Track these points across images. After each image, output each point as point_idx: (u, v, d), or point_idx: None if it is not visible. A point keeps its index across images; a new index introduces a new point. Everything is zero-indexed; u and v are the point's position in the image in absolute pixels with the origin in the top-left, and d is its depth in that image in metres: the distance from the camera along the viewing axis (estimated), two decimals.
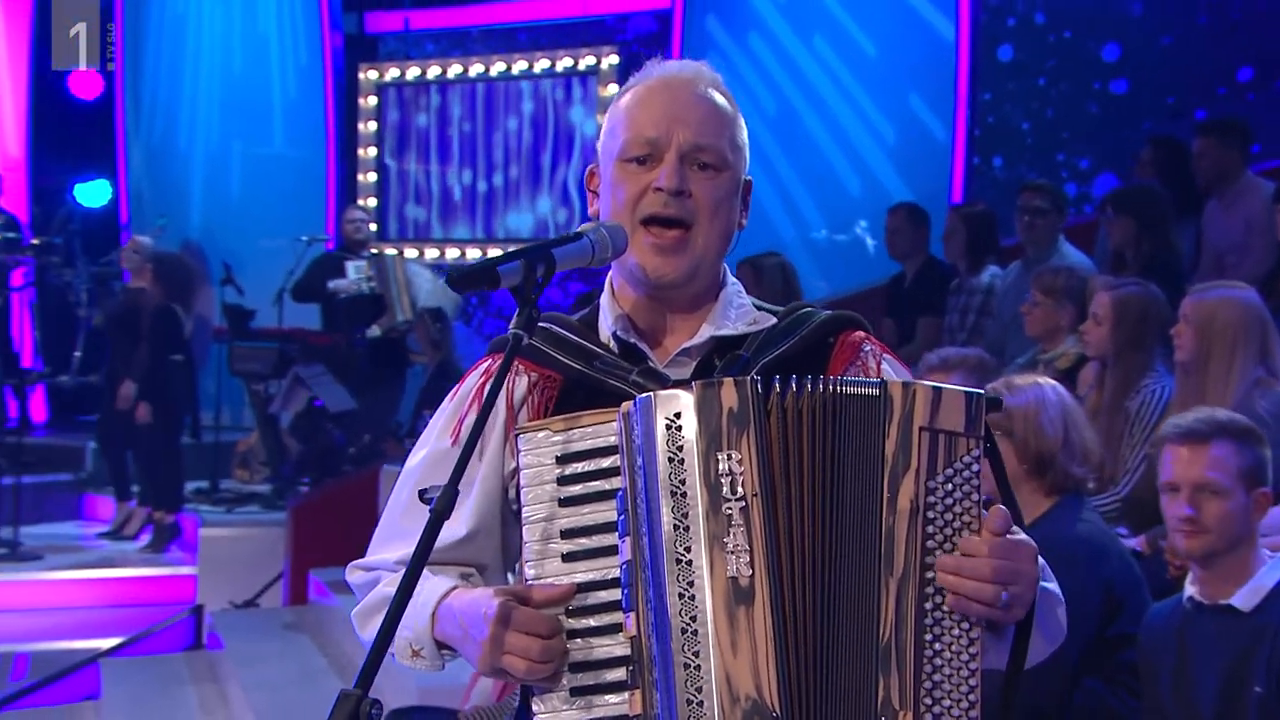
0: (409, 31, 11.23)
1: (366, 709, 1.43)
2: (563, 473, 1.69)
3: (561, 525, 1.68)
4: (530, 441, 1.70)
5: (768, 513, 1.61)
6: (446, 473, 1.76)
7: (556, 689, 1.66)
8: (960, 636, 1.59)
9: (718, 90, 1.87)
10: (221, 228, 11.26)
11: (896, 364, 1.92)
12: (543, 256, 1.71)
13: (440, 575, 1.84)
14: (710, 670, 1.58)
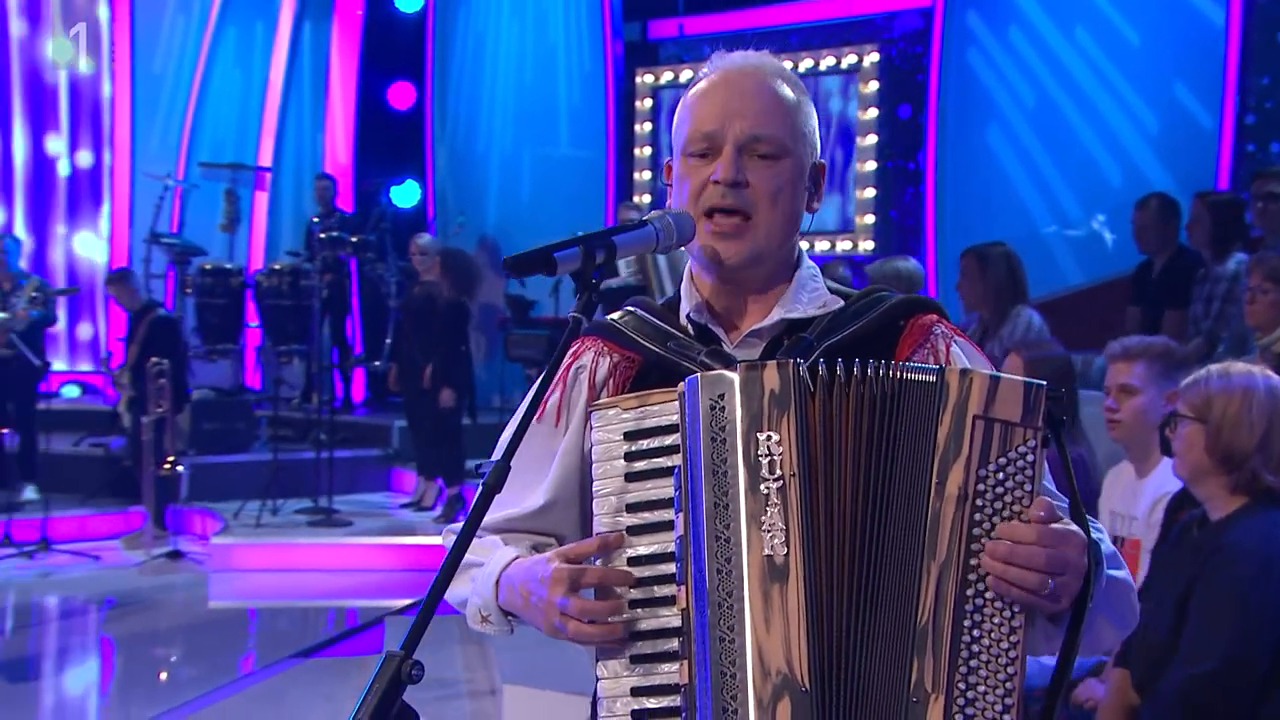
0: (688, 36, 11.45)
1: (408, 669, 1.43)
2: (630, 449, 1.69)
3: (628, 499, 1.68)
4: (602, 418, 1.71)
5: (805, 493, 1.59)
6: (532, 447, 1.86)
7: (619, 655, 1.66)
8: (1001, 625, 1.54)
9: (780, 79, 1.84)
10: (514, 225, 11.71)
11: (969, 347, 1.86)
12: (602, 243, 1.72)
13: (511, 545, 1.87)
14: (744, 644, 1.58)
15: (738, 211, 1.78)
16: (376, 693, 1.41)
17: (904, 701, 1.54)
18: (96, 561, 8.19)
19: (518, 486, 1.87)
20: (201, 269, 10.46)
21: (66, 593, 7.73)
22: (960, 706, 1.53)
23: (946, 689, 1.53)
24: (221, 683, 5.88)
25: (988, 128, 9.64)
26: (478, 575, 1.85)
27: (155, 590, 7.68)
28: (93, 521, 8.94)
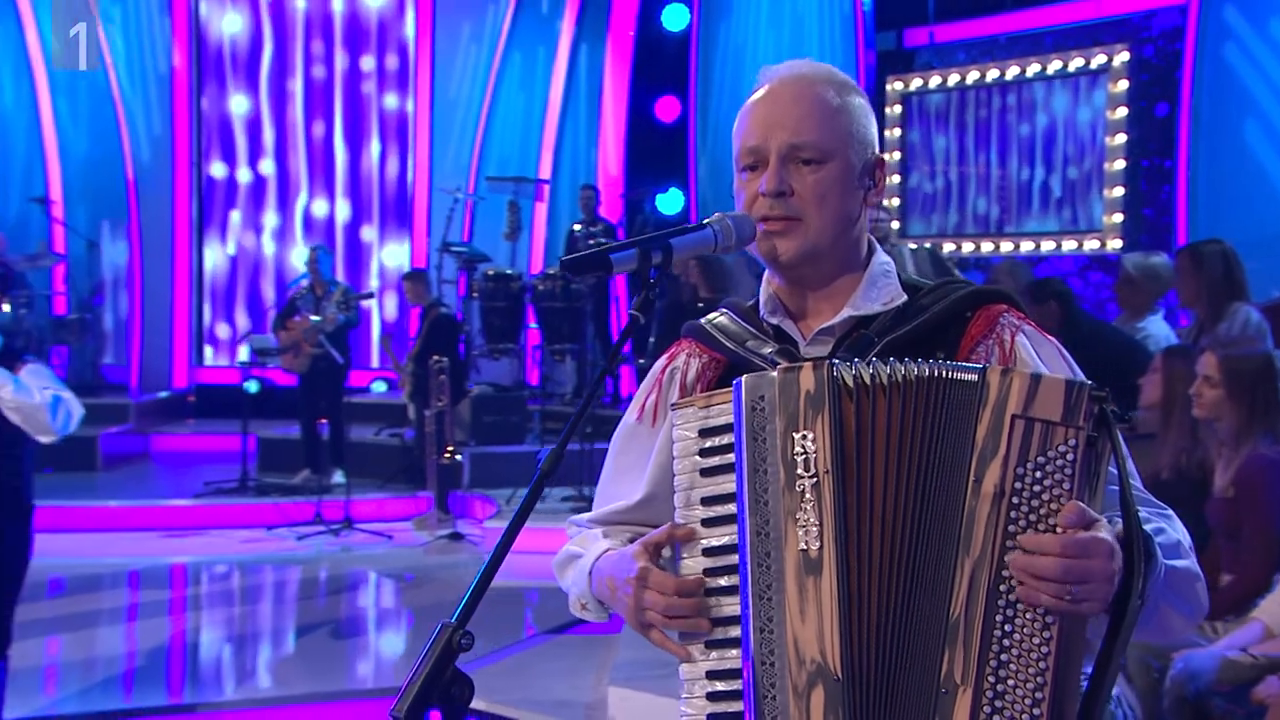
0: (942, 43, 11.25)
1: (458, 639, 1.46)
2: (703, 445, 1.69)
3: (702, 493, 1.68)
4: (681, 416, 1.71)
5: (838, 490, 1.57)
6: (634, 444, 1.97)
7: (697, 640, 1.67)
8: (1034, 620, 1.50)
9: (823, 85, 1.82)
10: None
11: (1039, 336, 1.81)
12: (659, 244, 1.72)
13: (610, 538, 1.92)
14: (782, 635, 1.58)
15: (786, 218, 1.78)
16: (430, 660, 1.44)
17: (933, 692, 1.53)
18: (389, 541, 8.68)
19: (624, 482, 1.96)
20: (486, 274, 10.88)
21: (365, 567, 8.23)
22: (989, 699, 1.50)
23: (975, 681, 1.50)
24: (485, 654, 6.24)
25: (1244, 123, 9.14)
26: (578, 565, 1.92)
27: (439, 568, 8.10)
28: (388, 504, 9.43)
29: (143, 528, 9.08)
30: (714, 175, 12.52)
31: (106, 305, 13.17)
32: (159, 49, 13.11)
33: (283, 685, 6.07)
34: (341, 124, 13.46)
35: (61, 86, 12.96)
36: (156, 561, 8.40)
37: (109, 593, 7.82)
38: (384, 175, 13.54)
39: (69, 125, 13.08)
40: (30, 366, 4.59)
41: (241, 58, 13.39)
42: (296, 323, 9.78)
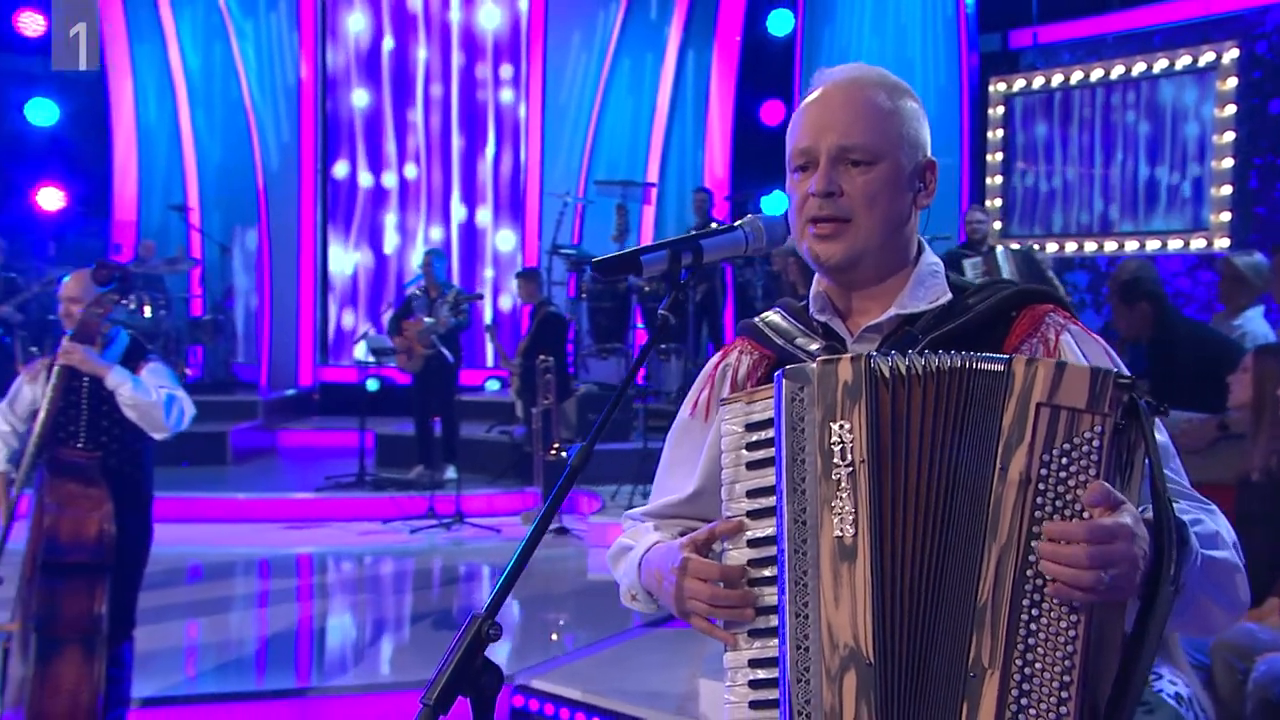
0: (1047, 44, 11.06)
1: (486, 629, 1.48)
2: (749, 439, 1.69)
3: (746, 486, 1.69)
4: (729, 411, 1.71)
5: (873, 478, 1.57)
6: (687, 439, 1.97)
7: (742, 629, 1.68)
8: (1061, 605, 1.48)
9: (874, 88, 1.81)
10: None
11: (1085, 335, 1.78)
12: (689, 246, 1.74)
13: (661, 531, 1.93)
14: (816, 620, 1.58)
15: (836, 219, 1.77)
16: (460, 650, 1.47)
17: (962, 676, 1.52)
18: (499, 534, 8.78)
19: (677, 476, 1.97)
20: (594, 276, 11.06)
21: (476, 560, 8.37)
22: (1017, 682, 1.49)
23: (1004, 665, 1.49)
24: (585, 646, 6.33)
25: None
26: (628, 558, 1.92)
27: (545, 561, 8.11)
28: (498, 499, 9.55)
29: (268, 519, 9.35)
30: None
31: (238, 307, 13.57)
32: (287, 61, 13.49)
33: (400, 672, 6.20)
34: (458, 129, 13.71)
35: (199, 100, 13.41)
36: (283, 551, 8.65)
37: (241, 579, 8.09)
38: (498, 178, 13.76)
39: (205, 136, 13.52)
40: (151, 365, 4.75)
41: (364, 67, 13.72)
42: (411, 324, 9.97)
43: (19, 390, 4.81)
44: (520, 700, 5.59)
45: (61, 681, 4.35)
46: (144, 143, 13.52)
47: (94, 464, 4.54)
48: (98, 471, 4.52)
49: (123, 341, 4.83)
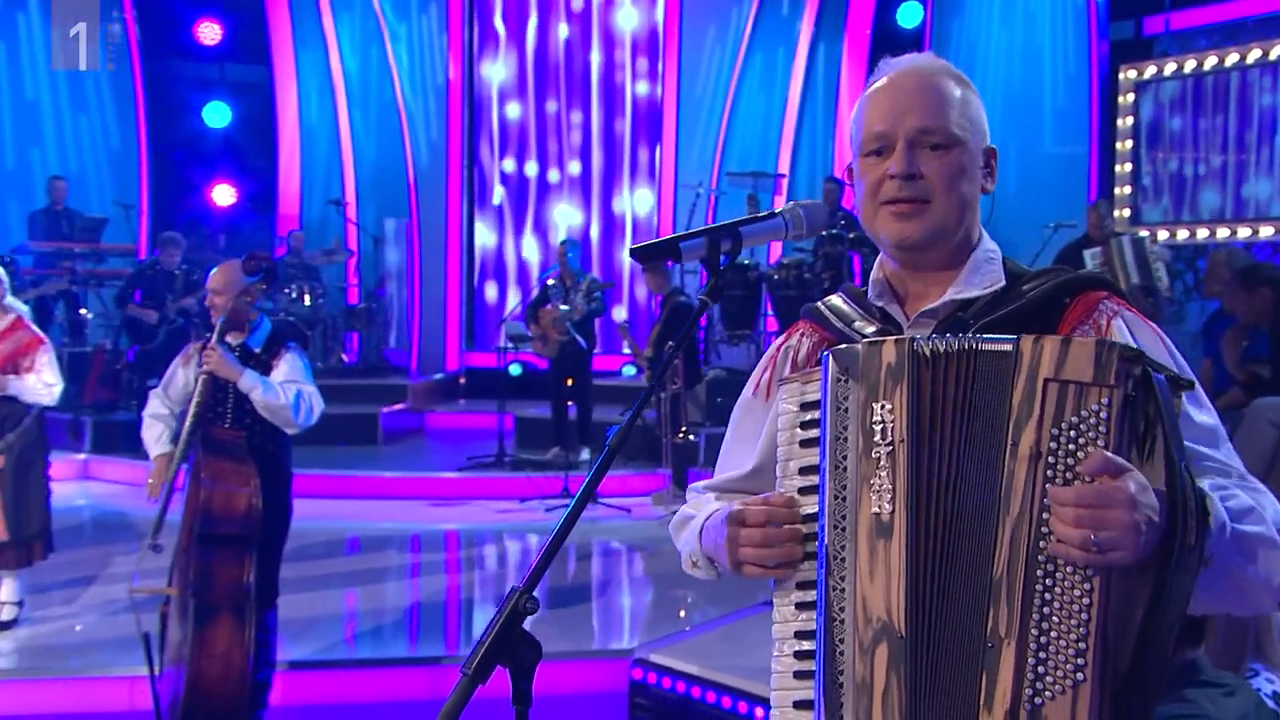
0: (1181, 30, 10.67)
1: (524, 603, 1.50)
2: (803, 418, 1.69)
3: (799, 464, 1.69)
4: (786, 391, 1.72)
5: (912, 457, 1.56)
6: (749, 417, 1.97)
7: (789, 602, 1.68)
8: (1074, 574, 1.46)
9: (947, 76, 1.80)
10: (1000, 218, 11.22)
11: (1139, 322, 1.74)
12: (728, 233, 1.73)
13: (720, 501, 1.92)
14: (851, 593, 1.58)
15: (915, 199, 1.75)
16: (499, 623, 1.49)
17: (981, 647, 1.51)
18: (629, 514, 8.85)
19: (738, 453, 1.97)
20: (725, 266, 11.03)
21: (607, 538, 8.46)
22: (1033, 651, 1.48)
23: (1019, 635, 1.48)
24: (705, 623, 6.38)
25: None
26: (690, 526, 1.93)
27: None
28: (630, 480, 9.58)
29: (416, 496, 9.56)
30: None
31: (390, 295, 13.88)
32: (437, 63, 13.78)
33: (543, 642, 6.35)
34: (598, 124, 13.83)
35: (356, 100, 13.80)
36: (432, 527, 8.86)
37: (395, 553, 8.28)
38: (635, 170, 13.84)
39: (361, 135, 13.89)
40: (288, 356, 4.90)
41: (508, 67, 13.94)
42: (547, 312, 10.11)
43: (174, 375, 5.03)
44: (639, 673, 5.66)
45: (216, 644, 4.54)
46: (306, 142, 13.97)
47: (241, 442, 4.71)
48: (245, 449, 4.69)
49: (266, 329, 5.01)
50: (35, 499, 6.02)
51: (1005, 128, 11.76)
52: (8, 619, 6.15)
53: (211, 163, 13.71)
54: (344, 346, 13.05)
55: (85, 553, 7.74)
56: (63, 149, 13.32)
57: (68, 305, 11.88)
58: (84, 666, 5.68)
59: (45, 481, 6.12)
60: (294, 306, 12.22)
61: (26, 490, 5.96)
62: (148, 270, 11.47)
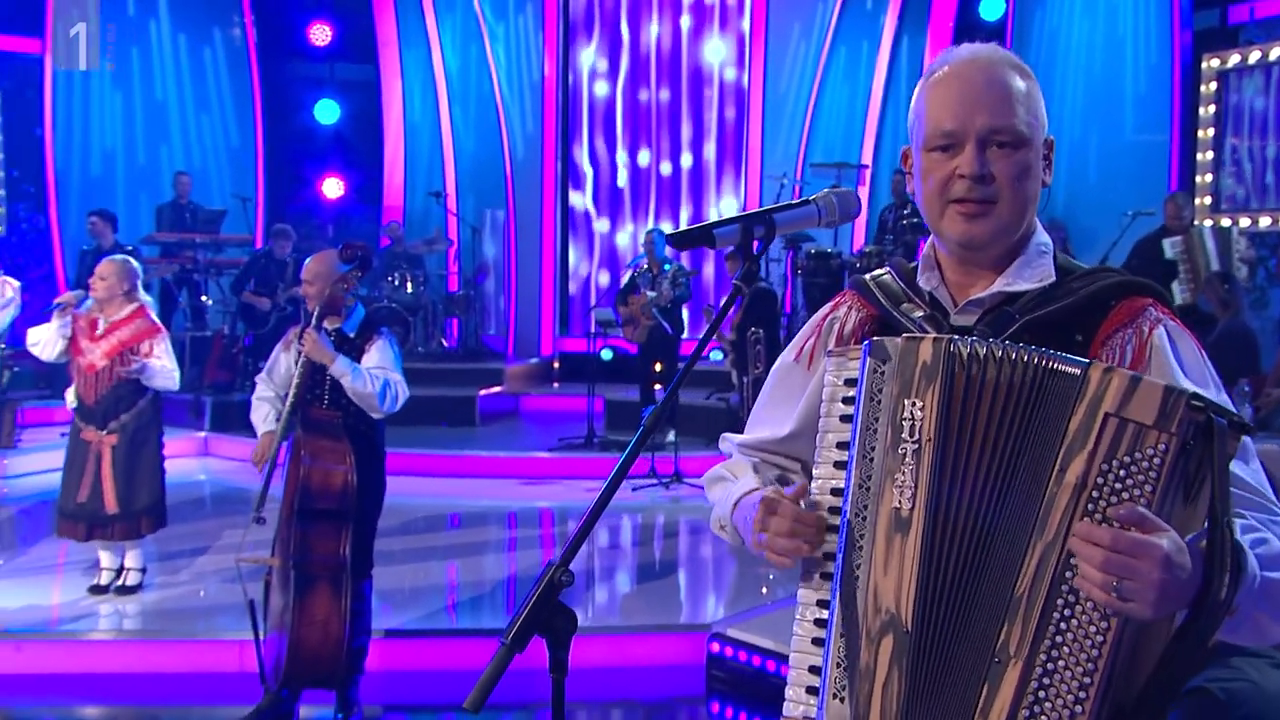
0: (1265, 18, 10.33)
1: (559, 575, 1.51)
2: (846, 394, 1.65)
3: (838, 437, 1.65)
4: (833, 364, 1.68)
5: (938, 458, 1.52)
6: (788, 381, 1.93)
7: (815, 574, 1.66)
8: (1094, 610, 1.43)
9: (1010, 68, 1.71)
10: (1080, 207, 11.18)
11: (1180, 331, 1.68)
12: (762, 220, 1.69)
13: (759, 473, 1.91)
14: (865, 582, 1.56)
15: (983, 201, 1.68)
16: (536, 594, 1.50)
17: (988, 659, 1.48)
18: None
19: (775, 413, 1.94)
20: (808, 253, 10.90)
21: (692, 516, 8.45)
22: (1037, 675, 1.45)
23: (1028, 656, 1.45)
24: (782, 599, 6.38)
25: None
26: (726, 488, 1.91)
27: None
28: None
29: (510, 475, 9.68)
30: None
31: (488, 283, 14.01)
32: (533, 59, 13.87)
33: (627, 616, 6.41)
34: (686, 116, 13.82)
35: (457, 97, 13.96)
36: (527, 504, 8.98)
37: (493, 528, 8.40)
38: (721, 161, 13.81)
39: (461, 129, 14.05)
40: (379, 343, 4.96)
41: (600, 62, 13.98)
42: (635, 298, 10.16)
43: (276, 359, 5.15)
44: (716, 647, 5.69)
45: (314, 612, 4.65)
46: (410, 137, 14.17)
47: (337, 422, 4.79)
48: (341, 429, 4.77)
49: (360, 315, 5.09)
50: (146, 476, 6.16)
51: (1086, 117, 11.55)
52: (132, 584, 6.38)
53: (322, 158, 14.00)
54: (444, 332, 13.23)
55: (204, 524, 7.99)
56: (187, 146, 13.69)
57: (190, 292, 12.24)
58: (199, 630, 5.87)
59: (159, 461, 6.27)
60: (397, 294, 12.43)
61: (138, 468, 6.12)
62: (260, 260, 11.76)
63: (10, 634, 5.79)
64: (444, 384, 11.68)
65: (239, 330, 11.63)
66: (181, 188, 12.51)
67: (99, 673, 5.66)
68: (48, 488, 6.44)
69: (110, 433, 6.06)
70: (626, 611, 6.53)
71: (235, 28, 13.87)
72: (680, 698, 5.64)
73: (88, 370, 6.07)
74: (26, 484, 9.17)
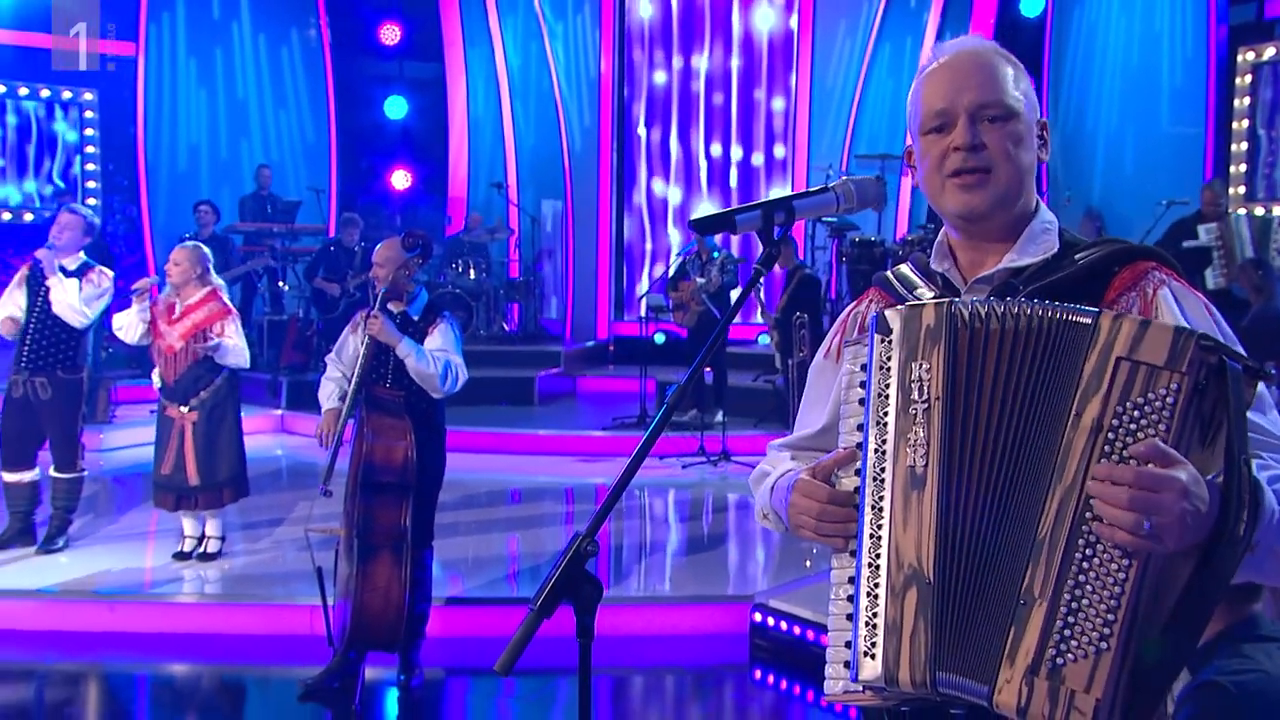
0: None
1: (585, 545, 1.52)
2: (861, 378, 1.64)
3: (857, 421, 1.64)
4: (849, 353, 1.68)
5: (946, 414, 1.52)
6: (821, 379, 1.93)
7: (846, 550, 1.64)
8: (1116, 548, 1.40)
9: (996, 54, 1.74)
10: (1117, 197, 11.02)
11: (1185, 291, 1.67)
12: (782, 206, 1.69)
13: (796, 460, 1.90)
14: (888, 541, 1.54)
15: (979, 169, 1.69)
16: (563, 563, 1.51)
17: (1013, 602, 1.46)
18: None
19: (812, 412, 1.95)
20: (853, 241, 10.80)
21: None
22: (1062, 615, 1.42)
23: (1052, 597, 1.43)
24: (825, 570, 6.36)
25: None
26: (765, 481, 1.91)
27: None
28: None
29: (567, 453, 9.72)
30: (1064, 149, 11.85)
31: (546, 269, 14.07)
32: (589, 57, 13.88)
33: (676, 587, 6.44)
34: (736, 111, 13.77)
35: (518, 93, 14.01)
36: (582, 480, 9.01)
37: (551, 503, 8.47)
38: (770, 154, 13.74)
39: (522, 124, 14.09)
40: (441, 326, 5.01)
41: (656, 59, 13.96)
42: (686, 285, 10.16)
43: (344, 340, 5.22)
44: (759, 617, 5.71)
45: (377, 579, 4.72)
46: (473, 131, 14.25)
47: (399, 401, 4.84)
48: (403, 407, 4.82)
49: (423, 299, 5.15)
50: (226, 450, 6.28)
51: (1123, 109, 11.34)
52: (213, 551, 6.52)
53: (391, 151, 14.12)
54: (505, 316, 13.30)
55: (280, 496, 8.13)
56: (265, 140, 13.87)
57: (269, 279, 12.42)
58: (274, 595, 5.99)
59: (238, 435, 6.39)
60: (460, 280, 12.53)
61: (217, 442, 6.24)
62: (330, 248, 11.90)
63: (104, 595, 5.95)
64: (505, 365, 11.76)
65: (312, 315, 11.79)
66: (263, 180, 12.70)
67: (183, 633, 5.79)
68: (140, 460, 6.60)
69: (191, 410, 6.19)
70: (676, 582, 6.56)
71: (311, 29, 14.02)
72: (725, 665, 5.66)
73: (167, 352, 6.20)
74: (121, 457, 9.39)
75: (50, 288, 6.33)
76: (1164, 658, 1.43)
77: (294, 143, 14.01)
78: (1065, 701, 1.41)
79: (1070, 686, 1.41)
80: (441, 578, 6.05)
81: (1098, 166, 11.65)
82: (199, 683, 5.46)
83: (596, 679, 5.29)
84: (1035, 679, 1.43)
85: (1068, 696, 1.41)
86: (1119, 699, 1.41)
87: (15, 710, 5.12)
